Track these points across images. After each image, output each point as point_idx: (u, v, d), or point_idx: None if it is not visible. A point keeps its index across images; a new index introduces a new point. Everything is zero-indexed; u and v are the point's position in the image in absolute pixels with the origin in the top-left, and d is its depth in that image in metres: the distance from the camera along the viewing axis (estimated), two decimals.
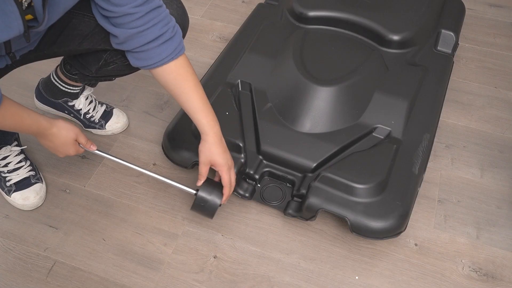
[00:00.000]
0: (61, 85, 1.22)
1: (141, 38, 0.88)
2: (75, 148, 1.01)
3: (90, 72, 1.10)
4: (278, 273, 1.06)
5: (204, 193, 1.02)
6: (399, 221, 1.04)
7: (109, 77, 1.16)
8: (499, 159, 1.29)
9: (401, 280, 1.05)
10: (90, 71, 1.10)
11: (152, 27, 0.87)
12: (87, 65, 1.09)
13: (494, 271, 1.07)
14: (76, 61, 1.11)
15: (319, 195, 1.05)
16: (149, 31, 0.87)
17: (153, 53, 0.90)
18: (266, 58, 1.32)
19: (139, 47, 0.90)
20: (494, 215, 1.17)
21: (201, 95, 0.96)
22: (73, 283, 1.04)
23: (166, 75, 0.94)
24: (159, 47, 0.90)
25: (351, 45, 1.39)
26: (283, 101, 1.22)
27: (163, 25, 0.88)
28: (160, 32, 0.88)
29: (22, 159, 1.17)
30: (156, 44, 0.89)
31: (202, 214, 1.06)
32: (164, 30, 0.89)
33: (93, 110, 1.29)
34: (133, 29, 0.86)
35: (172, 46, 0.91)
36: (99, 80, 1.19)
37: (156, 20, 0.87)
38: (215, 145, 0.98)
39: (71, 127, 0.99)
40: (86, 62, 1.09)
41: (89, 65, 1.09)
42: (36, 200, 1.15)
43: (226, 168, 0.99)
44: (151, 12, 0.86)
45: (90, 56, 1.06)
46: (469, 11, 1.74)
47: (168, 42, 0.90)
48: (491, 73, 1.53)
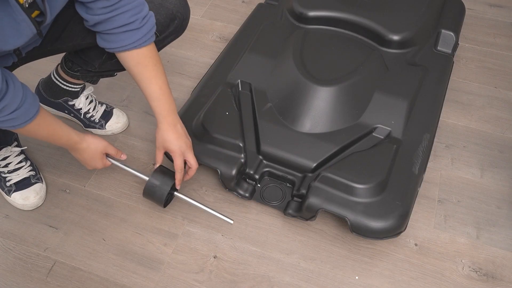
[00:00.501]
0: (62, 84, 1.22)
1: (109, 23, 0.91)
2: (102, 162, 1.07)
3: (93, 67, 1.11)
4: (278, 273, 1.06)
5: (154, 179, 1.05)
6: (399, 221, 1.04)
7: (111, 71, 1.16)
8: (499, 159, 1.29)
9: (401, 280, 1.05)
10: (93, 66, 1.10)
11: (120, 14, 0.90)
12: (90, 61, 1.10)
13: (494, 271, 1.07)
14: (78, 58, 1.12)
15: (319, 195, 1.05)
16: (117, 17, 0.90)
17: (117, 38, 0.94)
18: (266, 58, 1.32)
19: (106, 30, 0.93)
20: (494, 215, 1.17)
21: (160, 84, 0.99)
22: (73, 283, 1.04)
23: (129, 61, 0.98)
24: (124, 33, 0.93)
25: (351, 45, 1.39)
26: (283, 101, 1.22)
27: (132, 15, 0.91)
28: (128, 21, 0.91)
29: (23, 159, 1.17)
30: (121, 30, 0.92)
31: (153, 200, 1.09)
32: (132, 20, 0.91)
33: (93, 110, 1.29)
34: (102, 15, 0.89)
35: (136, 35, 0.93)
36: (101, 75, 1.19)
37: (125, 8, 0.89)
38: (167, 131, 1.02)
39: (99, 142, 1.04)
40: (88, 58, 1.09)
41: (91, 60, 1.09)
42: (36, 200, 1.15)
43: (177, 154, 1.03)
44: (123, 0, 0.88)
45: (92, 51, 1.06)
46: (469, 11, 1.74)
47: (134, 31, 0.93)
48: (491, 73, 1.53)
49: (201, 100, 1.26)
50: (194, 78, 1.49)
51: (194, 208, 1.17)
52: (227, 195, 1.19)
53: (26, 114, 0.85)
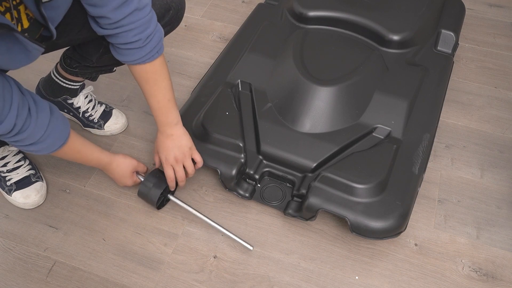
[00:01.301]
0: (61, 81, 1.22)
1: (114, 38, 0.92)
2: (132, 180, 1.12)
3: (91, 62, 1.11)
4: (278, 273, 1.06)
5: (147, 181, 1.09)
6: (399, 221, 1.04)
7: (110, 66, 1.16)
8: (499, 159, 1.29)
9: (401, 280, 1.05)
10: (91, 61, 1.11)
11: (124, 32, 0.90)
12: (87, 56, 1.10)
13: (494, 271, 1.07)
14: (76, 53, 1.12)
15: (319, 195, 1.05)
16: (121, 35, 0.91)
17: (122, 52, 0.95)
18: (266, 58, 1.32)
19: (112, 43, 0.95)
20: (494, 215, 1.17)
21: (158, 98, 1.02)
22: (73, 283, 1.04)
23: (133, 73, 1.01)
24: (127, 50, 0.94)
25: (351, 45, 1.39)
26: (283, 101, 1.22)
27: (135, 34, 0.91)
28: (130, 40, 0.91)
29: (21, 158, 1.17)
30: (124, 47, 0.93)
31: (146, 201, 1.12)
32: (135, 39, 0.91)
33: (92, 109, 1.29)
34: (107, 30, 0.90)
35: (139, 54, 0.95)
36: (100, 71, 1.19)
37: (129, 27, 0.89)
38: (160, 142, 1.08)
39: (129, 162, 1.10)
40: (86, 53, 1.10)
41: (89, 55, 1.09)
42: (37, 198, 1.15)
43: (165, 164, 1.08)
44: (127, 17, 0.88)
45: (90, 46, 1.06)
46: (469, 11, 1.74)
47: (136, 49, 0.94)
48: (491, 73, 1.53)
49: (201, 100, 1.26)
50: (194, 78, 1.49)
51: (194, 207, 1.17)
52: (227, 195, 1.19)
53: (50, 146, 0.88)
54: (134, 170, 1.12)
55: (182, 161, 1.08)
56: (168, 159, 1.07)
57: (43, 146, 0.87)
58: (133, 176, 1.12)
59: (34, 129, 0.82)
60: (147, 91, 1.01)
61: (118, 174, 1.10)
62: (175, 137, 1.06)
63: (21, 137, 0.82)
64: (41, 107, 0.84)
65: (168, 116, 1.04)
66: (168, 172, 1.08)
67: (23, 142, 0.83)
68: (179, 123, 1.07)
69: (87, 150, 1.01)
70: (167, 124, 1.05)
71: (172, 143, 1.06)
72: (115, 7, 0.85)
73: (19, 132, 0.81)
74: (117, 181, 1.13)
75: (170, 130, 1.06)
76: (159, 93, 1.01)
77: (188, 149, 1.08)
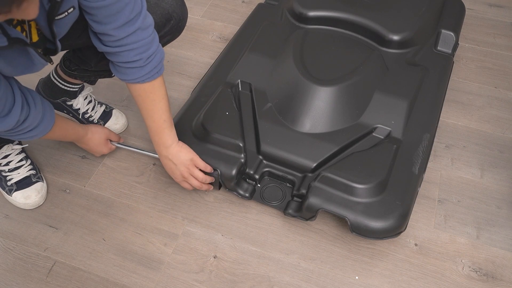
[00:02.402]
0: (60, 83, 1.22)
1: (114, 56, 0.93)
2: (107, 147, 1.20)
3: (90, 67, 1.11)
4: (278, 273, 1.06)
5: None
6: (399, 221, 1.04)
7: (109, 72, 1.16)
8: (499, 159, 1.29)
9: (401, 280, 1.05)
10: (90, 65, 1.11)
11: (125, 51, 0.91)
12: (86, 60, 1.10)
13: (494, 271, 1.07)
14: (75, 57, 1.12)
15: (319, 195, 1.05)
16: (122, 54, 0.91)
17: (122, 70, 0.96)
18: (266, 58, 1.32)
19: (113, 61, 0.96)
20: (494, 215, 1.17)
21: (154, 118, 1.03)
22: (73, 283, 1.04)
23: (131, 91, 1.02)
24: (127, 69, 0.95)
25: (351, 45, 1.39)
26: (283, 101, 1.22)
27: (137, 53, 0.91)
28: (132, 59, 0.92)
29: (23, 158, 1.17)
30: (125, 66, 0.94)
31: None
32: (137, 58, 0.92)
33: (92, 110, 1.29)
34: (109, 48, 0.91)
35: (139, 73, 0.95)
36: (99, 75, 1.20)
37: (132, 46, 0.90)
38: (164, 165, 1.10)
39: (101, 130, 1.18)
40: (85, 57, 1.10)
41: (88, 59, 1.10)
42: (37, 199, 1.15)
43: (179, 183, 1.11)
44: (130, 36, 0.88)
45: (89, 50, 1.06)
46: (469, 11, 1.74)
47: (137, 69, 0.94)
48: (491, 73, 1.53)
49: (201, 100, 1.26)
50: (194, 78, 1.49)
51: (194, 207, 1.17)
52: (227, 195, 1.19)
53: (45, 129, 0.95)
54: (108, 138, 1.19)
55: (189, 173, 1.08)
56: (177, 178, 1.10)
57: (40, 130, 0.93)
58: (107, 143, 1.19)
59: (34, 116, 0.89)
60: (143, 110, 1.03)
61: (93, 142, 1.16)
62: (172, 157, 1.07)
63: (23, 126, 0.89)
64: (35, 96, 0.90)
65: (162, 137, 1.05)
66: (187, 186, 1.11)
67: (25, 130, 0.90)
68: (174, 141, 1.06)
69: (68, 126, 1.07)
70: (162, 145, 1.06)
71: (172, 164, 1.07)
72: (119, 26, 0.86)
73: (23, 122, 0.87)
74: (94, 151, 1.19)
75: (165, 152, 1.06)
76: (155, 113, 1.02)
77: (190, 161, 1.08)
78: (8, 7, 0.56)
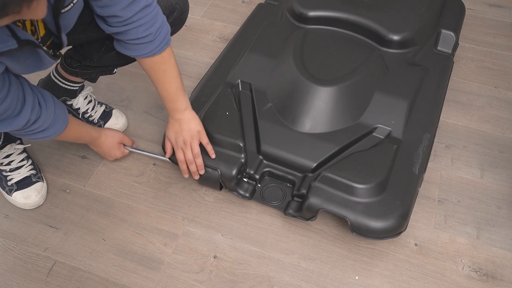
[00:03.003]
0: (61, 82, 1.22)
1: (123, 35, 0.94)
2: (120, 151, 1.21)
3: (93, 62, 1.12)
4: (278, 273, 1.06)
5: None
6: (400, 221, 1.04)
7: (111, 67, 1.17)
8: (499, 159, 1.29)
9: (401, 280, 1.05)
10: (92, 60, 1.11)
11: (134, 28, 0.92)
12: (89, 55, 1.10)
13: (494, 271, 1.07)
14: (77, 53, 1.12)
15: (320, 195, 1.05)
16: (131, 31, 0.92)
17: (133, 48, 0.97)
18: (266, 58, 1.32)
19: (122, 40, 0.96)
20: (494, 215, 1.17)
21: (167, 87, 1.05)
22: (73, 283, 1.04)
23: (143, 65, 1.04)
24: (138, 45, 0.96)
25: (351, 45, 1.39)
26: (283, 101, 1.22)
27: (145, 29, 0.92)
28: (141, 35, 0.93)
29: (24, 158, 1.17)
30: (135, 42, 0.95)
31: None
32: (146, 34, 0.93)
33: (92, 110, 1.29)
34: (116, 28, 0.91)
35: (150, 47, 0.97)
36: (100, 71, 1.19)
37: (139, 23, 0.91)
38: (170, 127, 1.11)
39: (115, 133, 1.19)
40: (87, 52, 1.10)
41: (90, 54, 1.10)
42: (37, 199, 1.15)
43: (175, 147, 1.11)
44: (137, 14, 0.89)
45: (91, 45, 1.07)
46: (469, 11, 1.74)
47: (146, 43, 0.96)
48: (491, 73, 1.53)
49: (201, 100, 1.26)
50: (194, 78, 1.49)
51: (194, 207, 1.17)
52: (227, 195, 1.19)
53: (58, 130, 0.96)
54: (121, 142, 1.20)
55: (190, 143, 1.10)
56: (178, 142, 1.10)
57: (52, 131, 0.94)
58: (120, 147, 1.20)
59: (45, 117, 0.90)
60: (156, 81, 1.05)
61: (107, 146, 1.17)
62: (183, 121, 1.09)
63: (35, 126, 0.89)
64: (46, 98, 0.92)
65: (176, 103, 1.07)
66: (179, 155, 1.11)
67: (36, 130, 0.91)
68: (188, 108, 1.09)
69: (81, 128, 1.08)
70: (176, 110, 1.08)
71: (180, 127, 1.09)
72: (125, 6, 0.87)
73: (34, 122, 0.88)
74: (107, 154, 1.20)
75: (178, 115, 1.08)
76: (168, 82, 1.05)
77: (197, 132, 1.10)
78: (19, 7, 0.57)
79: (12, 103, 0.81)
